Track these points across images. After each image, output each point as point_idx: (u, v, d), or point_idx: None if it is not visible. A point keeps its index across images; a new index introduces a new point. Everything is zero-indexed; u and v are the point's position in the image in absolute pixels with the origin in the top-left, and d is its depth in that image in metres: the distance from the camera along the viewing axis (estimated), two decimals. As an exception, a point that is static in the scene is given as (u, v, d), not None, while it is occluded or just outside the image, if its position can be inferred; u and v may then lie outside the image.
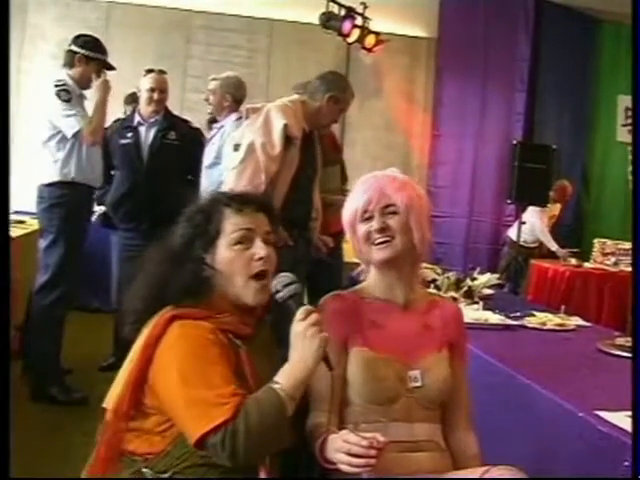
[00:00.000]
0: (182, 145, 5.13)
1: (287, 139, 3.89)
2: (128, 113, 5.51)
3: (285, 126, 3.86)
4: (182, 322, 1.76)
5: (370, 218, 1.98)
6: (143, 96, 5.10)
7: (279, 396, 1.67)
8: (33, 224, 4.94)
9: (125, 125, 5.17)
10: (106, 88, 4.46)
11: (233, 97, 5.04)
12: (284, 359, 1.76)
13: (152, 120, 5.11)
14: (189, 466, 1.71)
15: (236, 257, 1.85)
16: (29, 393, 4.37)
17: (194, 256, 1.86)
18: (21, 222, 4.95)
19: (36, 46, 7.57)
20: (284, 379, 1.70)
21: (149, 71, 5.16)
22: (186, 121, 5.40)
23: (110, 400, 1.79)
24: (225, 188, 3.92)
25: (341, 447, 1.66)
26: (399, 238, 1.97)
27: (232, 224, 1.87)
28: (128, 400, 1.75)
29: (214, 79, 5.18)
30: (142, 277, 1.89)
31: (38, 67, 7.29)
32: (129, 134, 5.07)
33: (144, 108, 5.11)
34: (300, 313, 1.75)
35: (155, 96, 5.08)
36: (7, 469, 1.86)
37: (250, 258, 1.86)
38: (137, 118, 5.12)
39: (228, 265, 1.85)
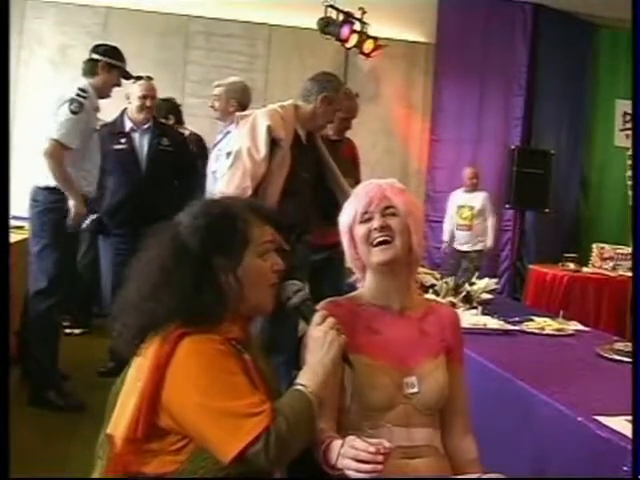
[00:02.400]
0: (174, 151, 5.19)
1: (273, 141, 3.89)
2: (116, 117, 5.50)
3: (268, 128, 3.86)
4: (192, 338, 1.70)
5: (370, 219, 1.98)
6: (135, 103, 5.14)
7: (307, 396, 1.70)
8: (31, 229, 4.94)
9: (116, 131, 5.19)
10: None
11: (239, 102, 5.04)
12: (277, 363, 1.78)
13: (145, 127, 5.17)
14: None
15: (263, 267, 1.84)
16: (27, 398, 4.36)
17: (216, 265, 1.78)
18: (19, 227, 4.94)
19: (34, 52, 7.57)
20: (307, 381, 1.73)
21: (138, 78, 5.19)
22: (173, 127, 5.43)
23: (118, 427, 1.72)
24: (217, 194, 3.93)
25: (348, 453, 1.67)
26: (399, 239, 1.97)
27: (261, 234, 1.85)
28: (142, 425, 1.67)
29: (219, 85, 5.19)
30: (155, 289, 1.75)
31: (36, 72, 7.29)
32: (122, 140, 5.12)
33: (136, 115, 5.16)
34: (318, 318, 1.81)
35: (148, 103, 5.16)
36: (7, 469, 1.86)
37: (270, 269, 1.85)
38: (129, 124, 5.17)
39: (255, 275, 1.82)
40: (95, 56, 4.56)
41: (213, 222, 1.80)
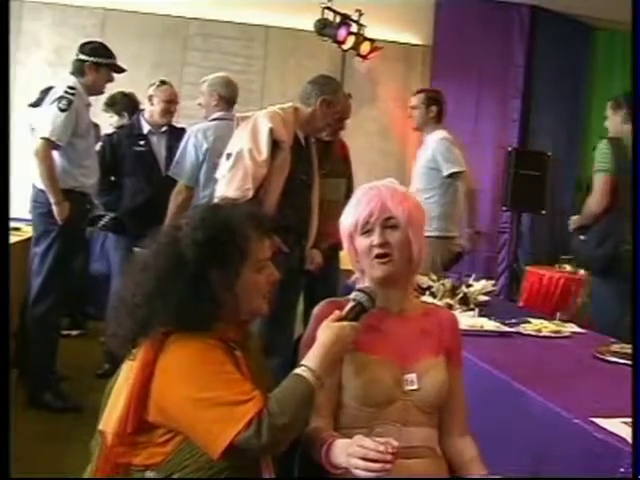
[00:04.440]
0: None
1: (275, 143, 3.90)
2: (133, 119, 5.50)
3: (271, 130, 3.87)
4: (178, 334, 1.73)
5: (370, 231, 1.98)
6: (159, 107, 5.20)
7: (305, 379, 1.71)
8: (28, 231, 4.94)
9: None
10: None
11: (219, 95, 5.04)
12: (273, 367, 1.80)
13: (162, 130, 5.25)
14: (192, 471, 1.70)
15: (259, 281, 1.85)
16: (24, 400, 4.36)
17: (213, 279, 1.77)
18: (17, 229, 4.94)
19: (31, 53, 7.57)
20: (311, 361, 1.76)
21: (163, 82, 5.25)
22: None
23: (109, 423, 1.76)
24: (217, 196, 3.93)
25: (356, 452, 1.68)
26: (398, 254, 1.98)
27: (260, 250, 1.86)
28: (132, 421, 1.71)
29: (204, 81, 5.22)
30: (149, 297, 1.76)
31: (33, 74, 7.28)
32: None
33: (157, 118, 5.23)
34: (358, 324, 1.87)
35: (172, 108, 5.27)
36: (7, 470, 1.86)
37: (266, 281, 1.87)
38: (146, 126, 5.25)
39: (251, 289, 1.84)
40: (82, 56, 4.57)
41: (213, 236, 1.78)
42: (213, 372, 1.69)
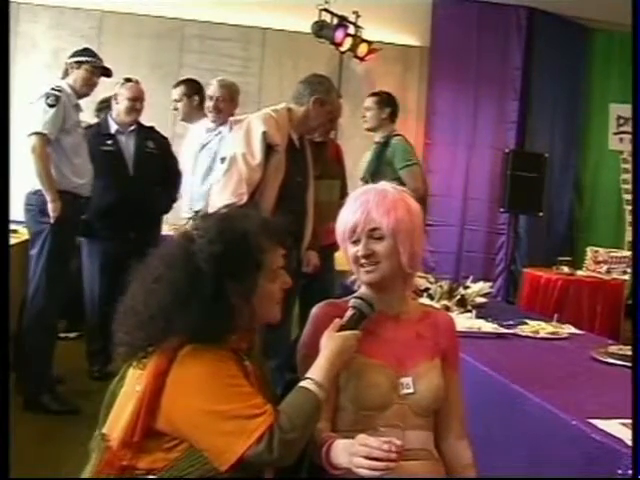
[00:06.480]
0: (159, 154, 5.20)
1: (269, 147, 3.89)
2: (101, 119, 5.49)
3: (264, 133, 3.86)
4: (192, 345, 1.72)
5: (357, 241, 1.99)
6: (123, 105, 5.14)
7: (312, 392, 1.73)
8: (25, 233, 4.93)
9: (102, 132, 5.19)
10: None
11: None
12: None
13: (131, 129, 5.19)
14: (195, 477, 1.69)
15: (273, 289, 1.85)
16: (22, 402, 4.35)
17: (229, 290, 1.76)
18: (14, 231, 4.93)
19: (28, 55, 7.56)
20: (318, 373, 1.77)
21: (128, 80, 5.20)
22: (156, 130, 5.41)
23: (115, 428, 1.75)
24: (211, 201, 3.94)
25: (360, 451, 1.68)
26: (385, 262, 1.98)
27: (274, 259, 1.85)
28: (140, 430, 1.70)
29: (209, 84, 5.21)
30: (165, 310, 1.73)
31: (30, 76, 7.28)
32: (109, 141, 5.13)
33: (123, 116, 5.16)
34: (359, 333, 1.90)
35: (137, 105, 5.17)
36: (7, 470, 1.86)
37: (279, 288, 1.87)
38: (114, 126, 5.18)
39: (266, 298, 1.84)
40: (66, 60, 4.64)
41: (229, 250, 1.76)
42: (227, 385, 1.69)
